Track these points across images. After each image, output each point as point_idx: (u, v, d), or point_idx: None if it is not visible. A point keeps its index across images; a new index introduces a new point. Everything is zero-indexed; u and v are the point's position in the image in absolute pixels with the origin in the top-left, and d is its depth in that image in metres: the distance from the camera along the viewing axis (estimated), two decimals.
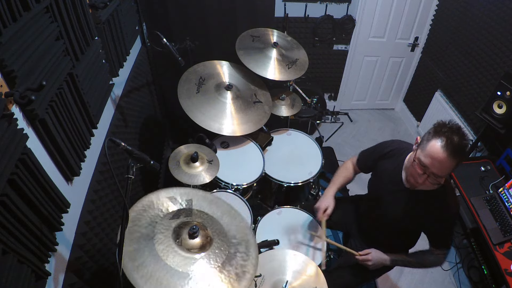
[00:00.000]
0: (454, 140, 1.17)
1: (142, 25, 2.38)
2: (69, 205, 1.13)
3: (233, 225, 1.24)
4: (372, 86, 3.94)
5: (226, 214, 1.28)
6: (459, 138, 1.18)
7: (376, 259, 1.58)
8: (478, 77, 2.73)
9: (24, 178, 0.89)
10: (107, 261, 1.46)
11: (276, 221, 1.88)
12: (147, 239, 1.08)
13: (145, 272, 1.00)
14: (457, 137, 1.18)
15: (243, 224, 1.27)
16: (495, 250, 1.95)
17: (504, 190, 2.16)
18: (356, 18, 3.22)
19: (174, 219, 1.18)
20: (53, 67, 1.08)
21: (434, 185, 1.32)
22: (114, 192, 1.64)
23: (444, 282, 2.48)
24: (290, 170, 2.16)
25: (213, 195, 1.36)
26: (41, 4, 1.03)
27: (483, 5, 2.63)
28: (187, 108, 1.95)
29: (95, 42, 1.47)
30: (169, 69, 2.68)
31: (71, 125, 1.20)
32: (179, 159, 1.71)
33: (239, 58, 2.15)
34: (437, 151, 1.20)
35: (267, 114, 2.19)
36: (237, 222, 1.26)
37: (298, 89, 2.72)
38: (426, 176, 1.27)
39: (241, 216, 1.31)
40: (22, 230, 0.88)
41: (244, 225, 1.27)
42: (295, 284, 1.46)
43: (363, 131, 3.89)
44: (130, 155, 1.12)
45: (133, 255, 1.03)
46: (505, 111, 2.19)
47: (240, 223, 1.27)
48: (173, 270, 1.03)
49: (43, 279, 0.98)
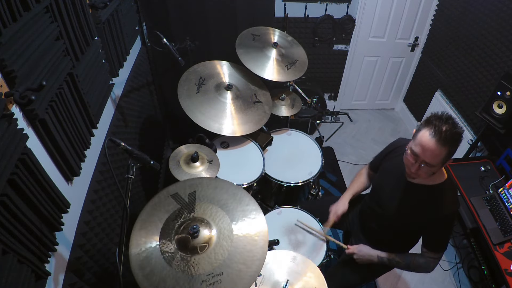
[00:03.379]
0: (442, 128, 1.21)
1: (142, 25, 2.38)
2: (69, 205, 1.13)
3: (239, 211, 1.23)
4: (372, 86, 3.95)
5: (231, 198, 1.27)
6: (449, 126, 1.22)
7: (362, 253, 1.65)
8: (478, 77, 2.73)
9: (24, 178, 0.89)
10: (107, 261, 1.46)
11: (276, 221, 1.88)
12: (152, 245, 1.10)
13: (154, 280, 1.01)
14: (446, 126, 1.22)
15: (249, 207, 1.25)
16: (495, 250, 1.95)
17: (504, 190, 2.16)
18: (356, 18, 3.22)
19: (177, 219, 1.19)
20: (53, 67, 1.08)
21: (429, 175, 1.34)
22: (114, 192, 1.64)
23: (444, 282, 2.48)
24: (290, 170, 2.16)
25: (217, 180, 1.35)
26: (41, 4, 1.03)
27: (483, 5, 2.63)
28: (187, 108, 1.95)
29: (95, 42, 1.47)
30: (169, 69, 2.68)
31: (71, 125, 1.20)
32: (179, 159, 1.71)
33: (238, 57, 2.15)
34: (426, 139, 1.24)
35: (267, 114, 2.19)
36: (243, 206, 1.25)
37: (298, 89, 2.72)
38: (418, 165, 1.30)
39: (248, 196, 1.29)
40: (22, 230, 0.88)
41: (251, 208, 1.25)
42: (295, 284, 1.46)
43: (363, 131, 3.89)
44: (130, 155, 1.12)
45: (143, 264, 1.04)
46: (505, 111, 2.19)
47: (246, 206, 1.25)
48: (179, 274, 1.04)
49: (43, 279, 0.98)
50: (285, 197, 2.20)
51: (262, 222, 1.20)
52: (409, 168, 1.36)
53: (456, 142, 1.24)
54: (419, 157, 1.28)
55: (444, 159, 1.27)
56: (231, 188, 1.32)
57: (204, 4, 2.46)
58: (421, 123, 1.31)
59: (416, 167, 1.31)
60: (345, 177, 3.23)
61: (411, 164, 1.34)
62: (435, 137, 1.22)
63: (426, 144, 1.24)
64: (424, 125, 1.28)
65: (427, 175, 1.34)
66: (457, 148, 1.26)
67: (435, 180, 1.41)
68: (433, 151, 1.24)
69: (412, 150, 1.31)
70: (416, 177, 1.37)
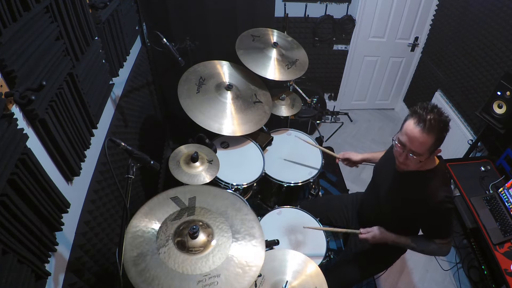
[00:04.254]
0: (426, 117, 1.23)
1: (142, 25, 2.38)
2: (69, 205, 1.13)
3: (237, 219, 1.24)
4: (372, 86, 3.94)
5: (230, 207, 1.28)
6: (433, 115, 1.24)
7: (377, 238, 1.58)
8: (478, 77, 2.73)
9: (24, 178, 0.89)
10: (107, 261, 1.46)
11: (276, 221, 1.88)
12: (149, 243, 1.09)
13: (147, 276, 1.00)
14: (431, 114, 1.24)
15: (248, 217, 1.26)
16: (495, 250, 1.95)
17: (504, 190, 2.16)
18: (356, 18, 3.22)
19: (176, 220, 1.19)
20: (53, 67, 1.08)
21: (417, 164, 1.35)
22: (114, 192, 1.64)
23: (444, 282, 2.48)
24: (290, 170, 2.16)
25: (217, 189, 1.36)
26: (41, 4, 1.03)
27: (483, 5, 2.63)
28: (187, 108, 1.95)
29: (95, 42, 1.47)
30: (169, 69, 2.68)
31: (71, 125, 1.20)
32: (179, 159, 1.71)
33: (239, 58, 2.15)
34: (410, 128, 1.27)
35: (267, 114, 2.19)
36: (242, 215, 1.26)
37: (298, 89, 2.72)
38: (405, 154, 1.33)
39: (247, 207, 1.30)
40: (22, 230, 0.88)
41: (250, 218, 1.26)
42: (295, 284, 1.46)
43: (363, 131, 3.90)
44: (130, 155, 1.12)
45: (137, 260, 1.04)
46: (505, 111, 2.19)
47: (245, 215, 1.26)
48: (174, 272, 1.03)
49: (43, 279, 0.98)
50: (285, 197, 2.20)
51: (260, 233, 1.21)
52: (398, 158, 1.39)
53: (441, 130, 1.25)
54: (406, 147, 1.31)
55: (431, 148, 1.28)
56: (231, 197, 1.34)
57: (204, 4, 2.46)
58: (408, 114, 1.33)
59: (404, 156, 1.34)
60: (345, 177, 3.23)
61: (399, 154, 1.37)
62: (419, 126, 1.24)
63: (411, 132, 1.27)
64: (410, 115, 1.30)
65: (415, 164, 1.35)
66: (444, 136, 1.28)
67: (424, 167, 1.41)
68: (418, 139, 1.26)
69: (399, 140, 1.34)
70: (405, 167, 1.39)
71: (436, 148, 1.30)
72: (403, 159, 1.35)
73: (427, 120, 1.23)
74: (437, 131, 1.24)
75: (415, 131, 1.26)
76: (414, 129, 1.26)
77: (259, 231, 1.22)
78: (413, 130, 1.26)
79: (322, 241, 1.80)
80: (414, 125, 1.26)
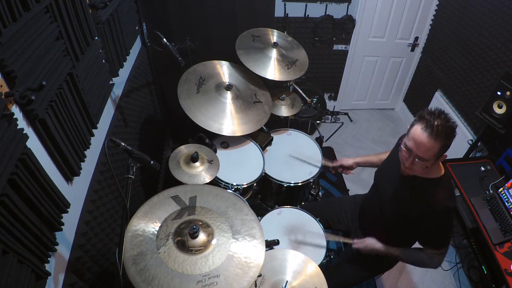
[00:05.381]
0: (434, 123, 1.23)
1: (142, 25, 2.38)
2: (69, 205, 1.13)
3: (238, 219, 1.24)
4: (372, 86, 3.94)
5: (231, 207, 1.28)
6: (441, 120, 1.24)
7: (369, 248, 1.63)
8: (478, 77, 2.73)
9: (24, 178, 0.89)
10: (107, 261, 1.46)
11: (276, 221, 1.88)
12: (149, 242, 1.09)
13: (147, 276, 1.00)
14: (438, 120, 1.23)
15: (248, 217, 1.26)
16: (495, 250, 1.95)
17: (504, 190, 2.16)
18: (356, 18, 3.22)
19: (176, 219, 1.19)
20: (53, 67, 1.08)
21: (423, 169, 1.35)
22: (114, 192, 1.64)
23: (444, 282, 2.48)
24: (290, 170, 2.16)
25: (218, 189, 1.36)
26: (41, 4, 1.03)
27: (483, 5, 2.63)
28: (187, 108, 1.95)
29: (95, 42, 1.47)
30: (169, 69, 2.68)
31: (71, 125, 1.20)
32: (179, 159, 1.71)
33: (239, 58, 2.15)
34: (418, 134, 1.27)
35: (267, 114, 2.19)
36: (242, 215, 1.26)
37: (298, 89, 2.72)
38: (411, 159, 1.33)
39: (247, 208, 1.30)
40: (22, 230, 0.88)
41: (250, 218, 1.26)
42: (295, 284, 1.46)
43: (363, 131, 3.90)
44: (130, 155, 1.12)
45: (137, 259, 1.03)
46: (505, 111, 2.19)
47: (245, 216, 1.26)
48: (174, 272, 1.03)
49: (43, 279, 0.98)
50: (285, 197, 2.20)
51: (260, 234, 1.20)
52: (404, 163, 1.39)
53: (448, 136, 1.25)
54: (413, 152, 1.30)
55: (437, 154, 1.28)
56: (232, 197, 1.33)
57: (204, 4, 2.46)
58: (415, 119, 1.33)
59: (410, 161, 1.33)
60: (345, 177, 3.23)
61: (405, 159, 1.36)
62: (426, 131, 1.24)
63: (418, 138, 1.26)
64: (417, 120, 1.30)
65: (421, 170, 1.35)
66: (451, 142, 1.27)
67: (430, 174, 1.41)
68: (425, 144, 1.25)
69: (405, 145, 1.34)
70: (410, 172, 1.39)
71: (442, 154, 1.30)
72: (409, 164, 1.34)
73: (435, 126, 1.22)
74: (444, 137, 1.24)
75: (422, 137, 1.25)
76: (421, 134, 1.25)
77: (260, 231, 1.21)
78: (421, 135, 1.25)
79: (322, 241, 1.80)
80: (421, 130, 1.25)
